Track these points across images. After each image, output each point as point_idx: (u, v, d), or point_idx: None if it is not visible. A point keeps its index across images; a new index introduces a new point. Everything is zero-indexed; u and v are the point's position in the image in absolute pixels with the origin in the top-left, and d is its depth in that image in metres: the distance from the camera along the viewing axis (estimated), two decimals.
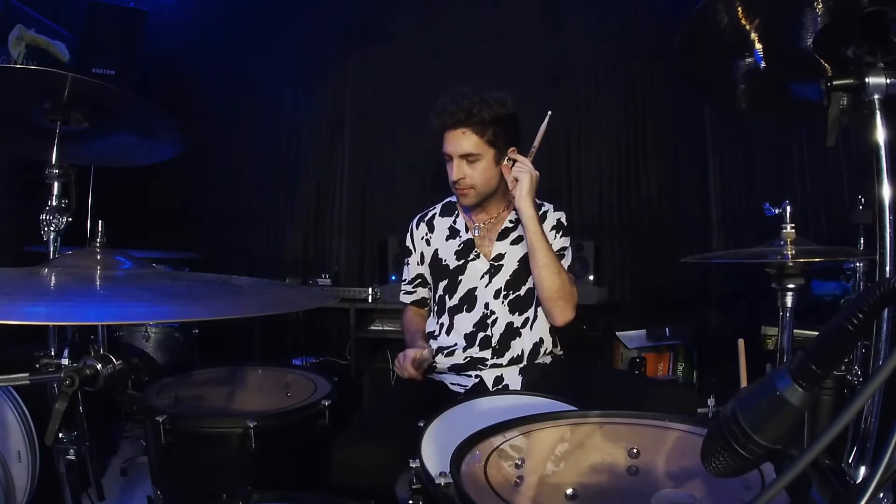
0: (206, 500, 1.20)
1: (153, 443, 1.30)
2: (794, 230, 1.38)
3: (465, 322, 1.71)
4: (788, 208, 1.39)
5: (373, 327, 3.16)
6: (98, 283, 0.90)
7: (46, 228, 1.36)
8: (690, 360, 3.21)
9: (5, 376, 0.90)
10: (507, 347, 1.67)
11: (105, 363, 0.87)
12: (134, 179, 3.13)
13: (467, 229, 1.77)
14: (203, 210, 3.58)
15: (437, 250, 1.79)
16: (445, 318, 1.74)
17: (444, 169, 1.72)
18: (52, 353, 1.31)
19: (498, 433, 0.95)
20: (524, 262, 1.70)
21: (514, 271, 1.71)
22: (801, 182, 2.89)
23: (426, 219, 1.85)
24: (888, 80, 0.95)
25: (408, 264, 1.87)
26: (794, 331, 1.35)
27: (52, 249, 1.37)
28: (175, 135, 1.58)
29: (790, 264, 1.31)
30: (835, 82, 0.97)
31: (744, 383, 1.40)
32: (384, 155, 3.58)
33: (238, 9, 3.61)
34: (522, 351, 1.68)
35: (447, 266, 1.75)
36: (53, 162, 1.36)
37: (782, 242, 1.38)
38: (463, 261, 1.73)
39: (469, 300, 1.71)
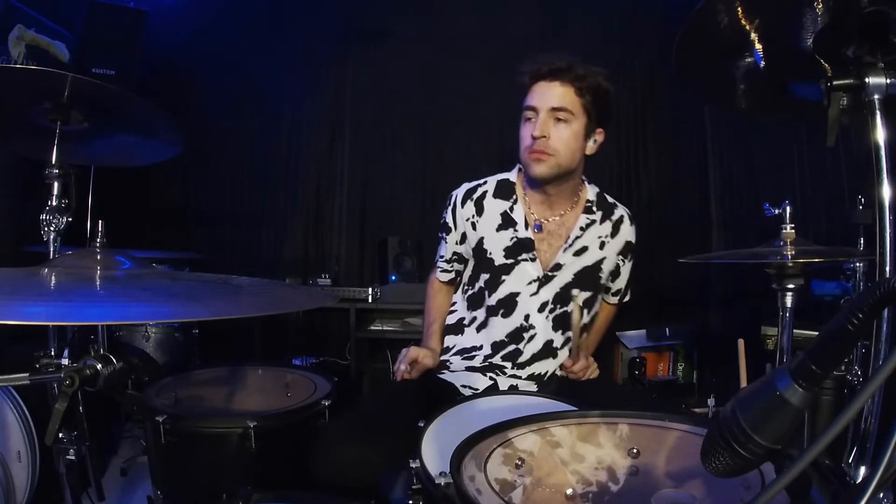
0: (206, 500, 1.21)
1: (153, 443, 1.30)
2: (794, 230, 1.38)
3: (498, 328, 1.54)
4: (788, 208, 1.39)
5: (373, 327, 3.15)
6: (98, 283, 0.90)
7: (46, 228, 1.36)
8: (690, 360, 3.21)
9: (5, 376, 0.90)
10: (531, 365, 1.54)
11: (105, 363, 0.87)
12: (134, 179, 3.14)
13: (527, 225, 1.53)
14: (203, 210, 3.57)
15: (482, 239, 1.56)
16: (482, 314, 1.58)
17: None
18: (52, 353, 1.32)
19: (498, 433, 0.95)
20: (581, 275, 1.55)
21: (566, 284, 1.53)
22: (801, 182, 2.88)
23: (475, 197, 1.59)
24: (888, 80, 0.95)
25: (445, 241, 1.66)
26: (794, 331, 1.35)
27: (52, 249, 1.37)
28: (175, 135, 1.58)
29: (790, 264, 1.31)
30: (835, 82, 0.97)
31: (744, 383, 1.40)
32: (384, 155, 3.58)
33: (238, 9, 3.61)
34: (546, 372, 1.55)
35: (491, 261, 1.54)
36: (53, 162, 1.36)
37: (782, 242, 1.37)
38: (512, 260, 1.53)
39: (508, 305, 1.53)
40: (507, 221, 1.55)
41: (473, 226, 1.58)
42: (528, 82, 1.49)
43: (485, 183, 1.62)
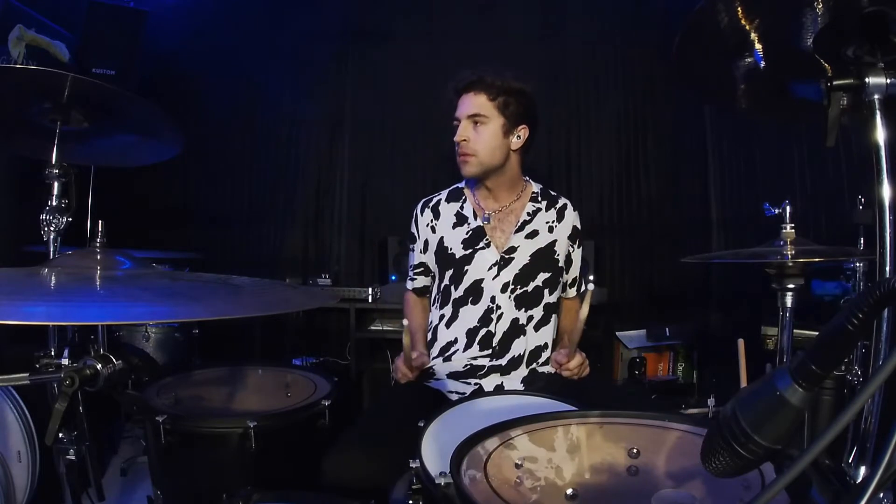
0: (206, 500, 1.20)
1: (153, 443, 1.30)
2: (794, 230, 1.38)
3: (469, 315, 1.65)
4: (788, 208, 1.39)
5: (373, 327, 3.16)
6: (98, 283, 0.90)
7: (46, 228, 1.36)
8: (690, 360, 3.21)
9: (5, 376, 0.90)
10: (508, 349, 1.63)
11: (105, 363, 0.87)
12: (134, 179, 3.13)
13: (475, 216, 1.70)
14: (203, 210, 3.58)
15: (442, 238, 1.72)
16: (449, 309, 1.69)
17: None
18: (52, 353, 1.31)
19: (498, 433, 0.95)
20: (536, 256, 1.68)
21: (524, 265, 1.66)
22: (801, 182, 2.89)
23: (431, 204, 1.78)
24: (888, 80, 0.95)
25: (412, 251, 1.81)
26: (794, 331, 1.35)
27: (52, 249, 1.37)
28: (175, 135, 1.58)
29: (790, 264, 1.31)
30: (835, 82, 0.97)
31: (744, 383, 1.40)
32: (384, 155, 3.58)
33: (238, 9, 3.62)
34: (524, 352, 1.63)
35: (453, 255, 1.69)
36: (53, 162, 1.36)
37: (782, 242, 1.38)
38: (470, 250, 1.67)
39: (475, 292, 1.66)
40: (460, 219, 1.73)
41: (433, 229, 1.75)
42: (454, 98, 1.69)
43: (439, 194, 1.82)
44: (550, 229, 1.72)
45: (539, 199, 1.75)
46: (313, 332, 3.40)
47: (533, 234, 1.70)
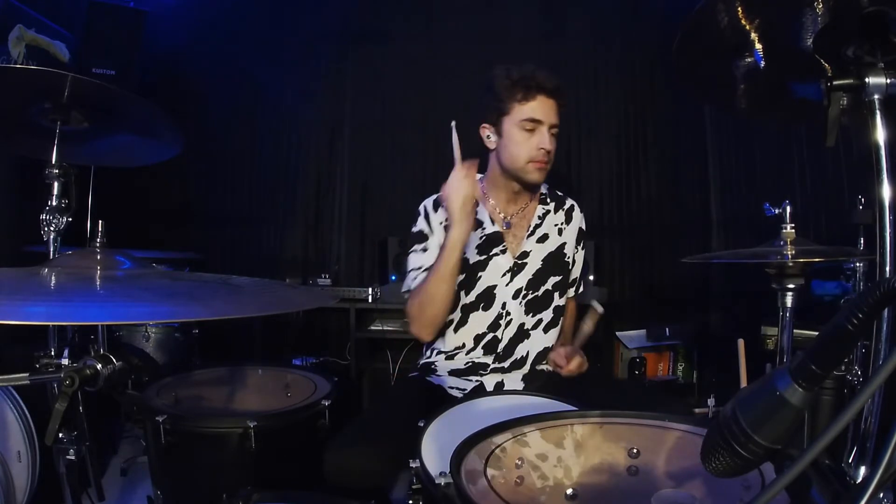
0: (206, 500, 1.20)
1: (153, 443, 1.30)
2: (794, 230, 1.38)
3: (479, 322, 1.64)
4: (788, 208, 1.39)
5: (373, 327, 3.15)
6: (98, 283, 0.90)
7: (46, 228, 1.36)
8: (690, 360, 3.21)
9: (5, 376, 0.90)
10: (511, 353, 1.63)
11: (105, 363, 0.87)
12: (134, 179, 3.14)
13: (493, 221, 1.66)
14: (203, 210, 3.58)
15: None
16: (457, 314, 1.65)
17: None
18: (52, 353, 1.32)
19: (498, 433, 0.95)
20: (548, 260, 1.67)
21: (536, 270, 1.65)
22: (801, 182, 2.89)
23: (443, 204, 1.70)
24: (888, 80, 0.95)
25: (422, 251, 1.67)
26: (794, 331, 1.35)
27: (52, 249, 1.37)
28: (175, 135, 1.58)
29: (790, 264, 1.31)
30: (835, 82, 0.97)
31: (744, 383, 1.40)
32: (384, 155, 3.58)
33: (238, 9, 3.62)
34: (527, 353, 1.63)
35: (466, 260, 1.61)
36: (53, 162, 1.36)
37: (782, 242, 1.38)
38: (485, 256, 1.64)
39: (487, 298, 1.63)
40: (474, 223, 1.63)
41: (446, 228, 1.60)
42: (523, 88, 1.54)
43: None
44: (560, 232, 1.71)
45: (548, 201, 1.73)
46: (313, 332, 3.40)
47: (544, 238, 1.68)
